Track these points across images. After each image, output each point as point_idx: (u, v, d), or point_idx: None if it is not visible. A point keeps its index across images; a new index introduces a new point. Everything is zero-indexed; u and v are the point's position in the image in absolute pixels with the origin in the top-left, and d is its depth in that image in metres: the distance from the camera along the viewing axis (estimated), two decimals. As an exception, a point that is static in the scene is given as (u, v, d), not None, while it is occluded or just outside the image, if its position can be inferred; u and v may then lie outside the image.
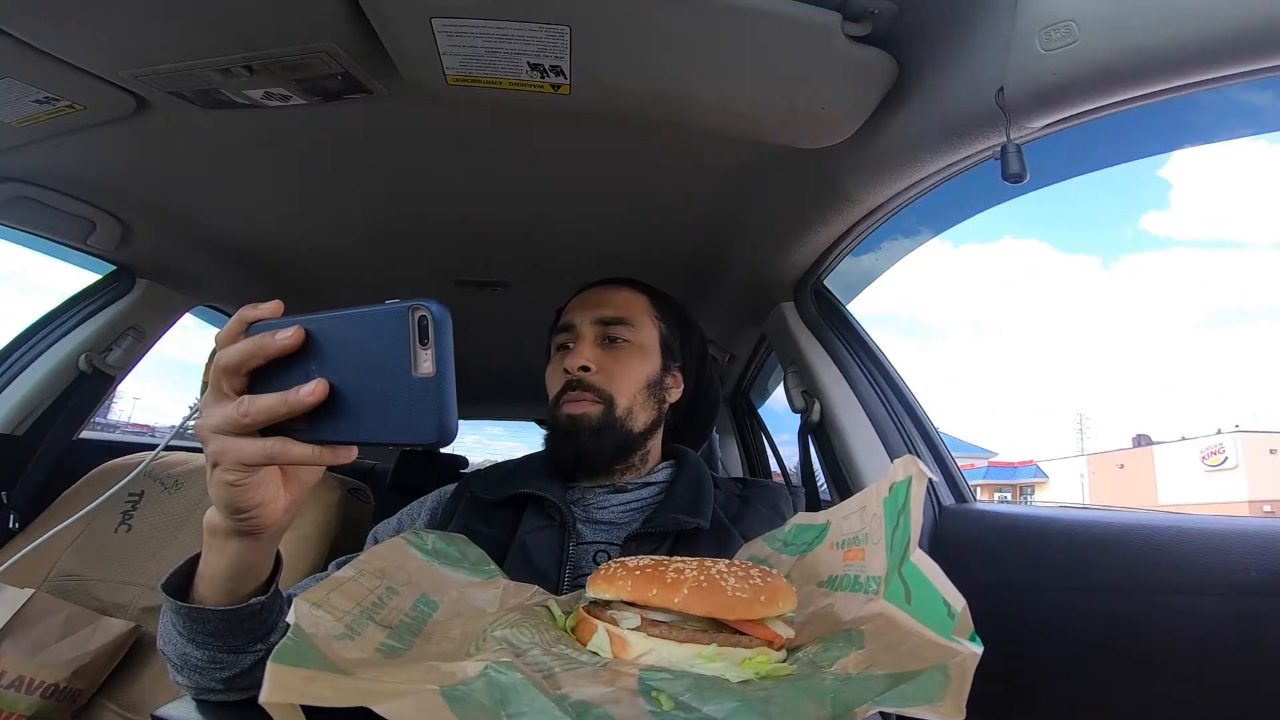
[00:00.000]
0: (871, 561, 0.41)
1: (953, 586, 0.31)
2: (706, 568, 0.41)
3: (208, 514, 0.44)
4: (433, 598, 0.44)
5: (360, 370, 0.35)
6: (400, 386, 0.34)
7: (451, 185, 0.99)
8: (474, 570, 0.51)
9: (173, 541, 1.05)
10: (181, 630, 0.48)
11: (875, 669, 0.32)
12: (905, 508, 0.36)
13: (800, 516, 0.56)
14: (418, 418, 0.33)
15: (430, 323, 0.34)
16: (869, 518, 0.43)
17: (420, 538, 0.50)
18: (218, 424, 0.38)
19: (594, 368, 0.72)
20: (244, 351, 0.37)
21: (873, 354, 1.05)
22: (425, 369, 0.33)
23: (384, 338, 0.34)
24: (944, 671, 0.28)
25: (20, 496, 1.12)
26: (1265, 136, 1.07)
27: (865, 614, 0.39)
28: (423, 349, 0.33)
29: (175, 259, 1.24)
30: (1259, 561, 0.63)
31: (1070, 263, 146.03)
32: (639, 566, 0.42)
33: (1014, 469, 28.86)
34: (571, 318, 0.77)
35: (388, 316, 0.34)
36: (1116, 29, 0.48)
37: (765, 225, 1.00)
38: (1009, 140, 0.57)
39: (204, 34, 0.63)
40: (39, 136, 0.82)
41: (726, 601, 0.38)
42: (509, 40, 0.59)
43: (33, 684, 0.85)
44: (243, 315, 0.39)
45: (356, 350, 0.35)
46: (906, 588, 0.34)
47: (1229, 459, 20.94)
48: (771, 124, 0.71)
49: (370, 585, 0.40)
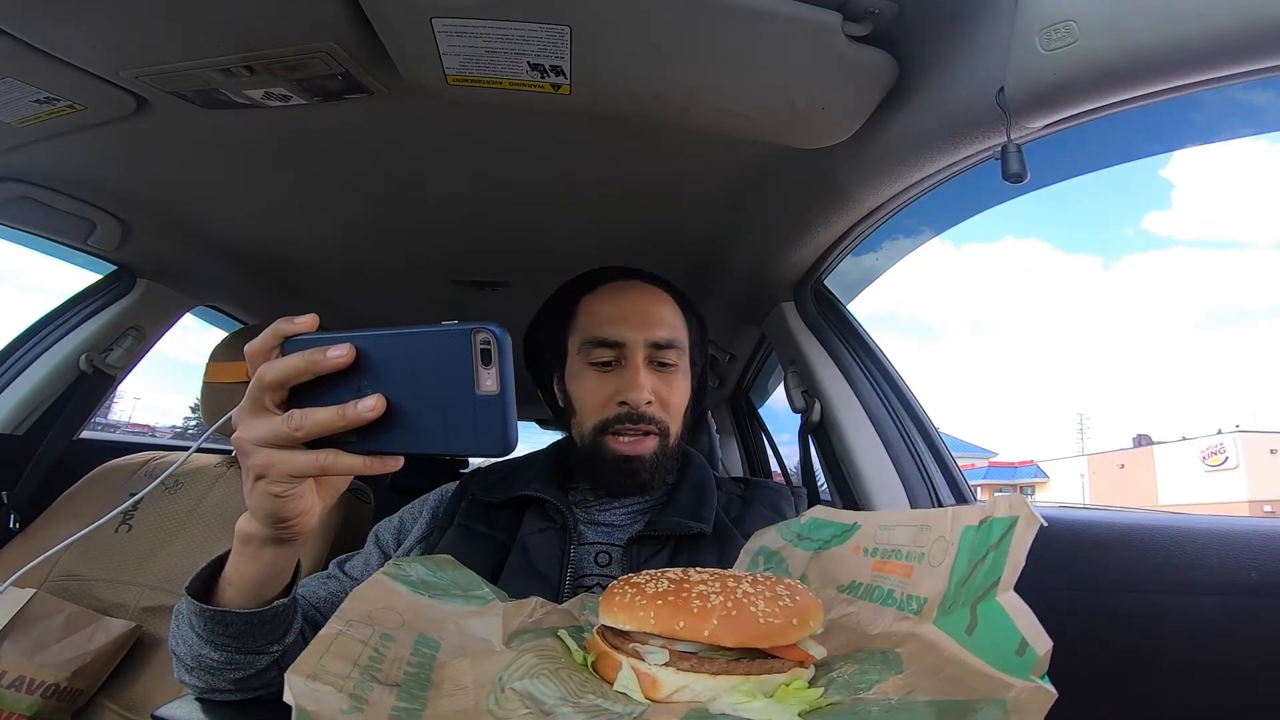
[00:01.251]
0: (921, 582, 0.39)
1: (1041, 630, 0.29)
2: (730, 589, 0.38)
3: (241, 523, 0.45)
4: (431, 636, 0.40)
5: (419, 386, 0.37)
6: (464, 402, 0.36)
7: (451, 185, 0.99)
8: (468, 598, 0.47)
9: (173, 541, 1.05)
10: (201, 632, 0.48)
11: (916, 695, 0.31)
12: (1002, 546, 0.34)
13: (819, 510, 0.54)
14: (482, 431, 0.36)
15: (494, 344, 0.36)
16: (931, 539, 0.40)
17: (403, 569, 0.46)
18: (263, 437, 0.38)
19: (654, 400, 0.69)
20: (293, 368, 0.38)
21: (873, 354, 1.05)
22: (488, 387, 0.36)
23: (447, 357, 0.36)
24: (1001, 707, 0.27)
25: (20, 496, 1.12)
26: (1266, 136, 1.07)
27: (897, 632, 0.38)
28: (485, 369, 0.36)
29: (175, 259, 1.24)
30: (1259, 561, 0.63)
31: (1071, 262, 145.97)
32: (658, 593, 0.39)
33: (1014, 469, 28.86)
34: (621, 335, 0.70)
35: (451, 338, 0.36)
36: (1116, 29, 0.48)
37: (765, 225, 1.00)
38: (1009, 140, 0.57)
39: (204, 34, 0.63)
40: (39, 136, 0.82)
41: (759, 630, 0.36)
42: (509, 40, 0.59)
43: (33, 684, 0.85)
44: (279, 329, 0.39)
45: (414, 368, 0.37)
46: (974, 621, 0.33)
47: (1229, 459, 20.94)
48: (771, 124, 0.70)
49: (362, 636, 0.37)
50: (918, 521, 0.43)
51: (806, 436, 1.08)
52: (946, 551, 0.39)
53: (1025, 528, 0.33)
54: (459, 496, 0.75)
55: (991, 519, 0.36)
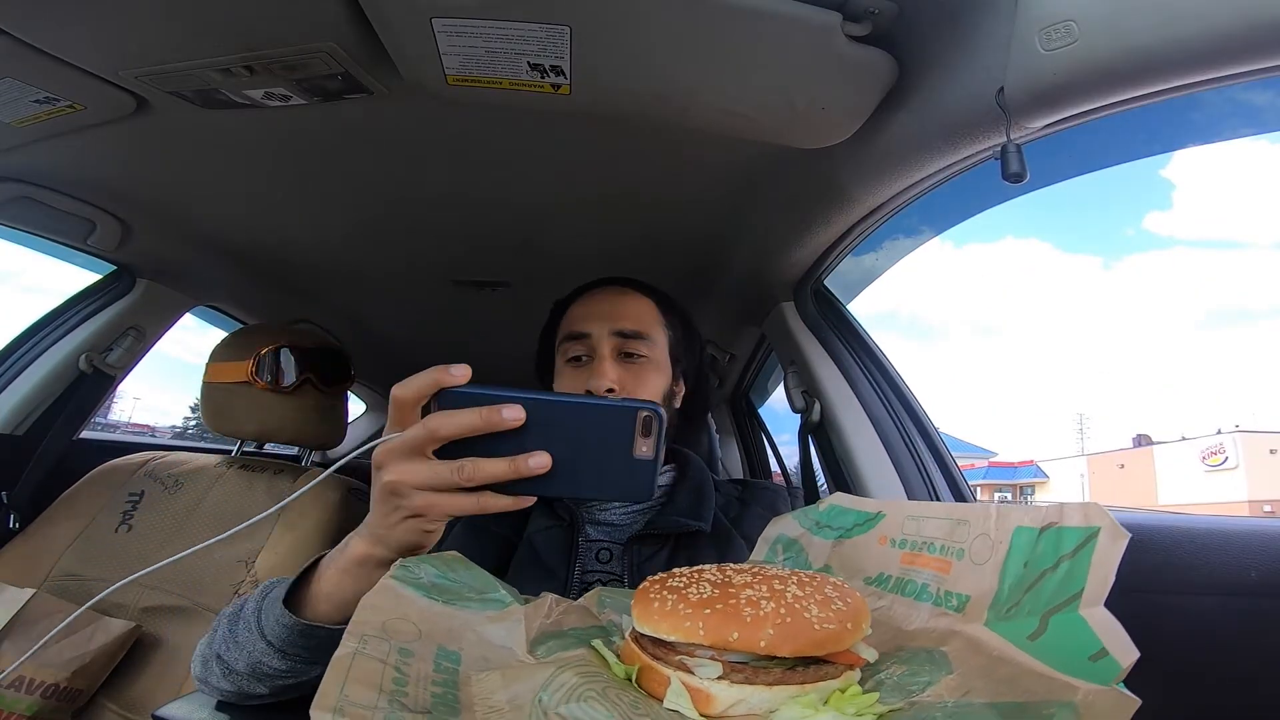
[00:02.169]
0: (961, 579, 0.38)
1: (1130, 643, 0.28)
2: (779, 592, 0.36)
3: (361, 547, 0.46)
4: (451, 648, 0.38)
5: (579, 445, 0.44)
6: (620, 461, 0.44)
7: (451, 185, 0.99)
8: (485, 602, 0.44)
9: (173, 541, 1.04)
10: (275, 641, 0.48)
11: (973, 696, 0.31)
12: (1080, 558, 0.32)
13: (838, 497, 0.53)
14: (634, 485, 0.45)
15: (655, 420, 0.44)
16: (970, 535, 0.39)
17: (411, 571, 0.43)
18: (426, 481, 0.42)
19: (618, 389, 0.71)
20: (469, 425, 0.42)
21: (873, 354, 1.05)
22: (644, 452, 0.44)
23: (612, 427, 0.44)
24: (1072, 709, 0.26)
25: (20, 496, 1.12)
26: (1267, 136, 1.06)
27: (937, 629, 0.37)
28: (643, 438, 0.44)
29: (175, 259, 1.24)
30: (1259, 561, 0.63)
31: (1072, 262, 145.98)
32: (704, 600, 0.36)
33: (1014, 469, 28.87)
34: (587, 327, 0.74)
35: (619, 413, 0.44)
36: (1116, 29, 0.48)
37: (765, 225, 1.00)
38: (1009, 140, 0.57)
39: (204, 34, 0.63)
40: (39, 136, 0.82)
41: (815, 638, 0.34)
42: (509, 40, 0.59)
43: (33, 684, 0.85)
44: (438, 380, 0.42)
45: (578, 431, 0.44)
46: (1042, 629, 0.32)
47: (1229, 459, 20.95)
48: (771, 124, 0.70)
49: (380, 655, 0.34)
50: (952, 515, 0.42)
51: (806, 436, 1.08)
52: (992, 550, 0.37)
53: (1110, 541, 0.32)
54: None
55: (1060, 526, 0.34)
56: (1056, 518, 0.35)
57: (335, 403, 1.26)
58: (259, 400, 1.15)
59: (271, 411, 1.15)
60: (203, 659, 0.54)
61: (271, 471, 1.15)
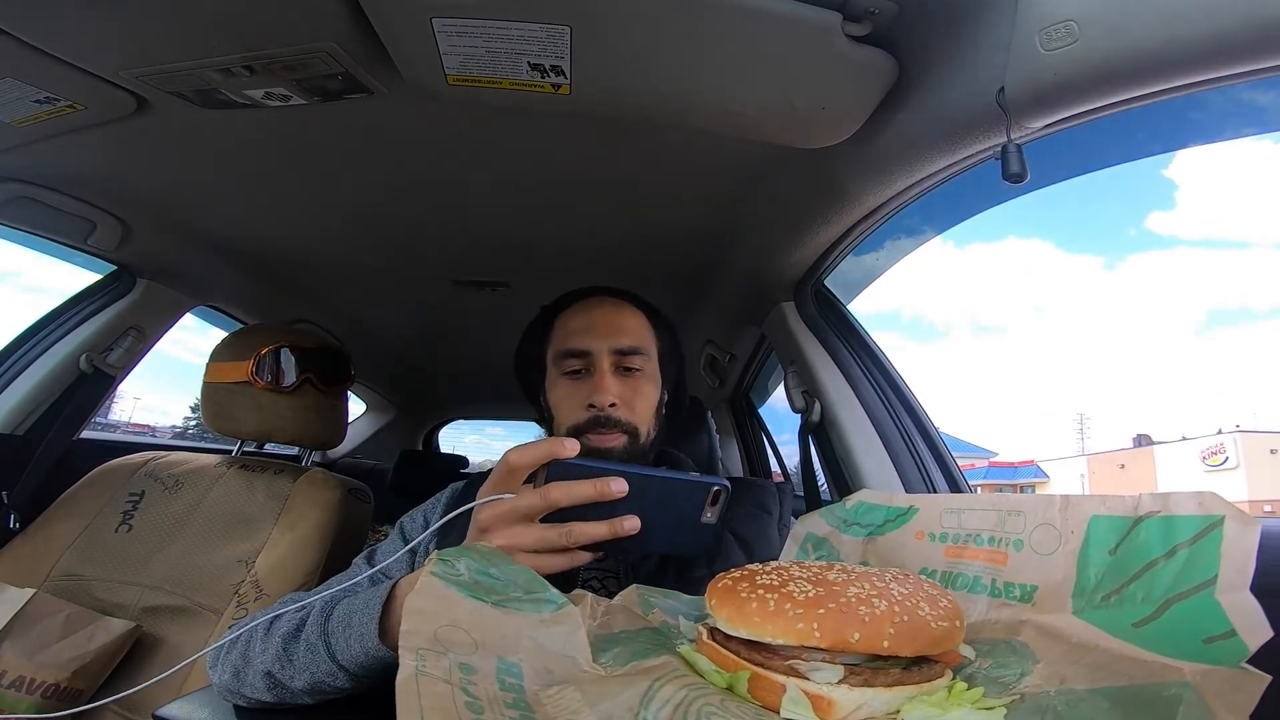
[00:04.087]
0: (1023, 569, 0.38)
1: (1264, 625, 0.27)
2: (886, 592, 0.35)
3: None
4: (510, 659, 0.35)
5: (660, 510, 0.50)
6: (690, 524, 0.52)
7: (451, 185, 0.99)
8: (534, 603, 0.40)
9: (173, 541, 1.05)
10: (349, 665, 0.49)
11: (1070, 684, 0.30)
12: (1203, 546, 0.31)
13: (865, 494, 0.52)
14: (697, 543, 0.53)
15: (723, 494, 0.51)
16: (1027, 525, 0.39)
17: (451, 565, 0.40)
18: (534, 544, 0.48)
19: (619, 403, 0.73)
20: (584, 496, 0.48)
21: (873, 354, 1.05)
22: (709, 518, 0.52)
23: (689, 498, 0.51)
24: (1189, 689, 0.26)
25: (20, 496, 1.12)
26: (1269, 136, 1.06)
27: (1002, 620, 0.37)
28: (712, 506, 0.51)
29: (175, 259, 1.24)
30: (1259, 562, 0.63)
31: (1074, 262, 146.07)
32: (812, 599, 0.34)
33: (1014, 469, 28.84)
34: (587, 344, 0.75)
35: (698, 487, 0.51)
36: (1116, 29, 0.48)
37: (765, 225, 1.00)
38: (1009, 140, 0.57)
39: (204, 34, 0.63)
40: (39, 136, 0.82)
41: (933, 636, 0.33)
42: (509, 40, 0.59)
43: (33, 684, 0.85)
44: (554, 451, 0.48)
45: (661, 499, 0.50)
46: (1158, 615, 0.31)
47: (1229, 459, 20.94)
48: (771, 124, 0.70)
49: (443, 674, 0.31)
50: (1001, 506, 0.41)
51: (806, 436, 1.08)
52: (1062, 540, 0.37)
53: (1239, 528, 0.31)
54: (466, 496, 0.76)
55: (1167, 515, 0.34)
56: (1159, 507, 0.34)
57: (335, 402, 1.26)
58: (259, 400, 1.15)
59: (271, 411, 1.15)
60: (234, 669, 0.54)
61: (272, 471, 1.15)
